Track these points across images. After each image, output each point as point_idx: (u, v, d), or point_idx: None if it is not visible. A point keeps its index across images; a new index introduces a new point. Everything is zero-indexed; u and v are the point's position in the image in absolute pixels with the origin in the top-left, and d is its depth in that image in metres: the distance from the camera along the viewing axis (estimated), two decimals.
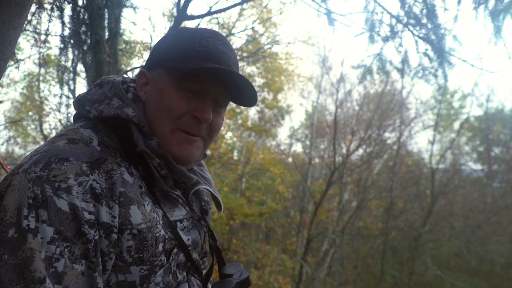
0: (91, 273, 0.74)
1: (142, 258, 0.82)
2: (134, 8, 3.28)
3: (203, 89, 0.89)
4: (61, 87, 3.55)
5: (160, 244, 0.85)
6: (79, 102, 0.93)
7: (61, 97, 3.60)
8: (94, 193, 0.76)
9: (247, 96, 0.94)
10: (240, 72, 1.02)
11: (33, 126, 12.14)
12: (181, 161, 0.92)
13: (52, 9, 3.23)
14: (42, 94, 10.65)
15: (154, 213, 0.86)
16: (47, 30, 3.75)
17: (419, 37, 3.51)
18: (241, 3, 4.70)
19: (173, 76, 0.89)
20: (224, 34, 8.22)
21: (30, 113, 11.79)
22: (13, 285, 0.66)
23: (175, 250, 0.89)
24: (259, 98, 14.14)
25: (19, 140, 12.31)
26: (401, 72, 3.88)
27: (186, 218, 0.96)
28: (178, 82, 0.88)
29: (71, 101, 3.38)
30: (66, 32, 3.02)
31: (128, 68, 5.70)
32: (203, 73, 0.87)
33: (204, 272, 1.08)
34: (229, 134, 14.49)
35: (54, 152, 0.78)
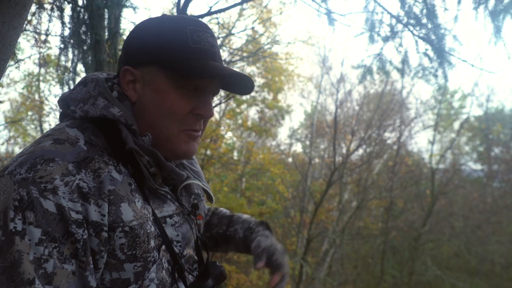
0: (82, 272, 0.74)
1: (135, 255, 0.82)
2: (134, 8, 3.27)
3: (203, 85, 0.91)
4: (61, 87, 3.55)
5: (152, 240, 0.86)
6: (64, 101, 0.91)
7: None
8: (82, 192, 0.75)
9: (244, 86, 0.97)
10: (239, 71, 1.05)
11: (33, 126, 12.15)
12: (186, 156, 0.95)
13: (52, 9, 3.23)
14: (42, 94, 10.66)
15: (145, 210, 0.86)
16: (47, 30, 3.75)
17: (419, 37, 3.51)
18: (241, 3, 4.69)
19: (170, 76, 0.88)
20: (224, 34, 8.23)
21: (30, 113, 11.79)
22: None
23: (164, 246, 0.90)
24: (259, 98, 14.15)
25: (19, 140, 12.32)
26: (401, 72, 3.87)
27: (176, 214, 0.96)
28: (177, 81, 0.88)
29: None
30: (66, 32, 3.02)
31: None
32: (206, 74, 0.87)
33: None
34: (229, 134, 14.50)
35: (39, 153, 0.77)
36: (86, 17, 2.92)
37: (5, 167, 0.77)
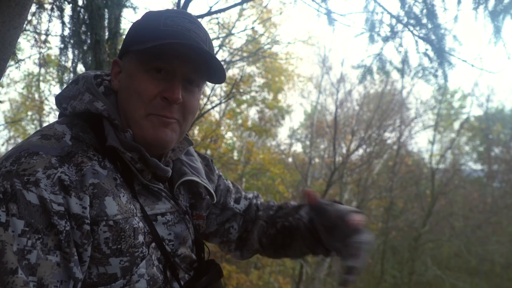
0: (66, 264, 0.74)
1: (121, 249, 0.81)
2: (134, 8, 3.27)
3: (171, 68, 0.87)
4: (61, 87, 3.55)
5: (140, 236, 0.85)
6: (57, 100, 0.94)
7: None
8: (63, 185, 0.76)
9: (214, 72, 0.91)
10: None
11: (33, 126, 12.14)
12: (158, 145, 0.90)
13: (52, 9, 3.23)
14: (42, 94, 10.67)
15: (131, 205, 0.85)
16: (47, 30, 3.75)
17: (419, 37, 3.51)
18: (241, 3, 4.70)
19: (139, 59, 0.88)
20: (224, 34, 8.22)
21: (30, 113, 11.80)
22: None
23: (153, 244, 0.89)
24: (259, 98, 14.14)
25: (19, 140, 12.31)
26: (401, 72, 3.88)
27: (170, 212, 0.94)
28: (145, 64, 0.87)
29: None
30: (66, 32, 3.02)
31: None
32: (167, 51, 0.85)
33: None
34: (229, 134, 14.50)
35: (25, 147, 0.78)
36: (86, 17, 2.92)
37: None
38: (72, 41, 3.04)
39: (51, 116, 10.49)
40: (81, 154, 0.82)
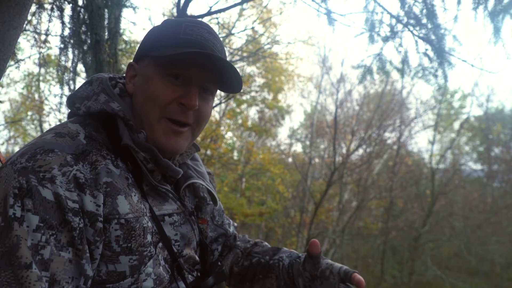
0: (78, 261, 0.75)
1: (131, 247, 0.83)
2: (134, 8, 3.27)
3: (188, 75, 0.89)
4: (61, 87, 3.55)
5: (148, 235, 0.86)
6: (70, 100, 0.95)
7: (61, 97, 3.61)
8: (78, 182, 0.77)
9: (231, 81, 0.94)
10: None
11: (33, 126, 12.15)
12: (169, 152, 0.92)
13: (52, 9, 3.24)
14: (42, 94, 10.67)
15: (141, 204, 0.87)
16: (47, 30, 3.75)
17: (419, 37, 3.51)
18: (241, 3, 4.70)
19: (158, 65, 0.90)
20: (224, 34, 8.23)
21: (30, 113, 11.80)
22: (1, 272, 0.68)
23: (160, 244, 0.90)
24: (259, 98, 14.14)
25: (19, 140, 12.32)
26: (401, 72, 3.88)
27: (176, 213, 0.96)
28: (163, 70, 0.89)
29: None
30: (66, 32, 3.03)
31: None
32: (187, 59, 0.87)
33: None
34: (229, 134, 14.50)
35: (40, 144, 0.79)
36: (86, 17, 2.92)
37: (9, 158, 0.80)
38: (72, 41, 3.04)
39: (51, 116, 10.50)
40: (95, 153, 0.83)
